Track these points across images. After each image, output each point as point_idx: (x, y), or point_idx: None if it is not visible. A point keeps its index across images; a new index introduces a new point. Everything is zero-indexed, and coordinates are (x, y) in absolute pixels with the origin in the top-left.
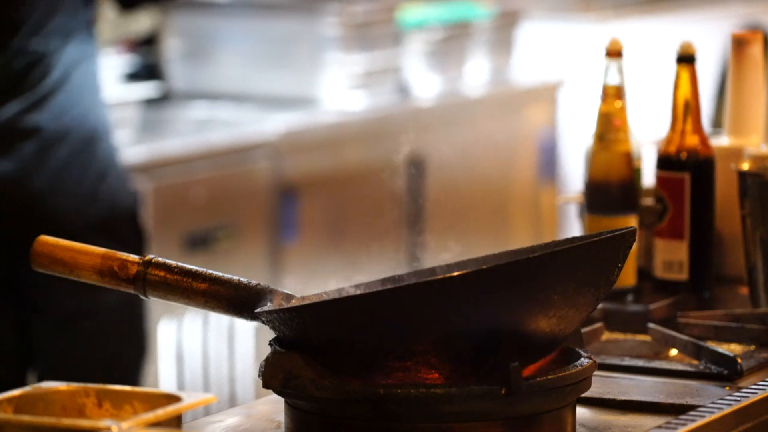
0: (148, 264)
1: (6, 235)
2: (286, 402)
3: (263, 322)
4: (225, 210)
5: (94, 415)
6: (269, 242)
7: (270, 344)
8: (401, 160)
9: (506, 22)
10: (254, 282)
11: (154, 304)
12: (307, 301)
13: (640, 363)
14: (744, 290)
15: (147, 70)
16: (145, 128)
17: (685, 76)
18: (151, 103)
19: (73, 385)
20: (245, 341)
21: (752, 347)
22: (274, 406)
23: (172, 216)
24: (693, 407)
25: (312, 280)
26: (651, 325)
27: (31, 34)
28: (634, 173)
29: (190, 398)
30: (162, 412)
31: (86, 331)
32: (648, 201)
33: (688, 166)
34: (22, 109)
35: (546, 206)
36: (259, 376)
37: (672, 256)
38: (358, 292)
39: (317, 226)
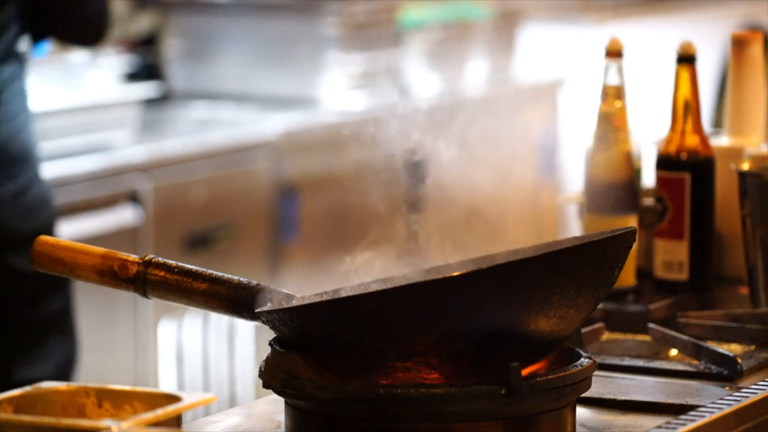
0: (148, 264)
1: None
2: (286, 402)
3: (263, 322)
4: (225, 210)
5: (94, 415)
6: (269, 242)
7: (270, 344)
8: (401, 160)
9: (506, 22)
10: (254, 282)
11: (154, 304)
12: (307, 301)
13: (640, 363)
14: (744, 290)
15: (147, 70)
16: (145, 128)
17: (685, 76)
18: (151, 103)
19: (73, 385)
20: (245, 341)
21: (752, 347)
22: (274, 406)
23: (172, 216)
24: (693, 407)
25: (312, 280)
26: (651, 325)
27: None
28: (634, 173)
29: (190, 398)
30: (162, 412)
31: None
32: (648, 201)
33: (688, 166)
34: None
35: (546, 206)
36: (259, 376)
37: (672, 256)
38: (358, 292)
39: (317, 226)
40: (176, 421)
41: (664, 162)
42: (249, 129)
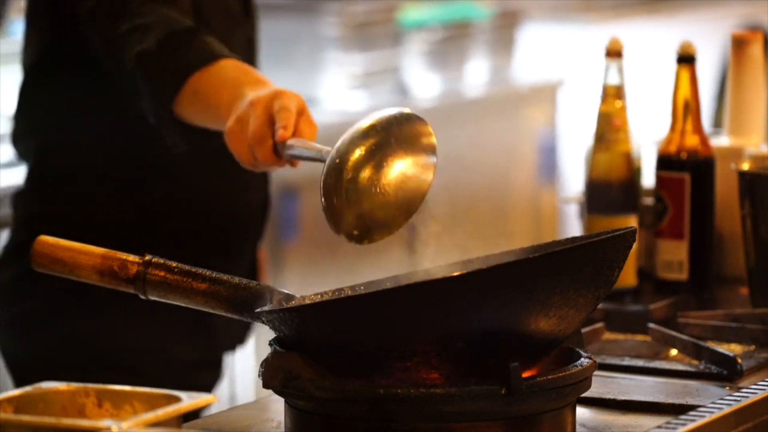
0: (148, 264)
1: None
2: (286, 402)
3: (263, 322)
4: None
5: (94, 415)
6: (269, 242)
7: (270, 344)
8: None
9: (506, 22)
10: (254, 282)
11: None
12: (307, 301)
13: (640, 363)
14: (744, 290)
15: None
16: None
17: (685, 76)
18: None
19: (73, 385)
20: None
21: (752, 347)
22: (274, 406)
23: None
24: (693, 407)
25: (312, 280)
26: (651, 325)
27: None
28: (634, 173)
29: (190, 398)
30: (162, 412)
31: None
32: (648, 201)
33: (688, 166)
34: None
35: (546, 206)
36: (259, 376)
37: (672, 256)
38: (358, 292)
39: (317, 226)
40: (176, 421)
41: (664, 162)
42: None
